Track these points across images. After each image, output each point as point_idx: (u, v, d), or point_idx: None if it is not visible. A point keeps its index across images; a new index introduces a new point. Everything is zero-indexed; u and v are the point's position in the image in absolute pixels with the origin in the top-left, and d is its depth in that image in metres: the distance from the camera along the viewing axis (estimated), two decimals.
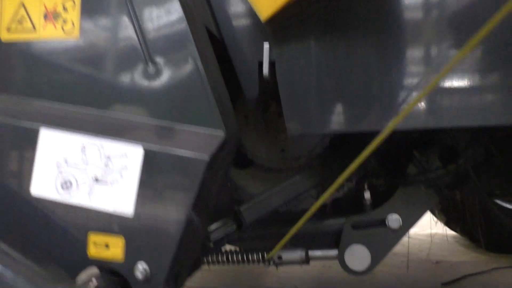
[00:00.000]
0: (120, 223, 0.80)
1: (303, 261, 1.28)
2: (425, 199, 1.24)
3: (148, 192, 0.80)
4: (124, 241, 0.80)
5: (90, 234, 0.81)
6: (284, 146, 1.37)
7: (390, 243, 1.25)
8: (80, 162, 0.79)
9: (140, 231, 0.80)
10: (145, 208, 0.80)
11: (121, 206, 0.79)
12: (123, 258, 0.80)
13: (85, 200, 0.80)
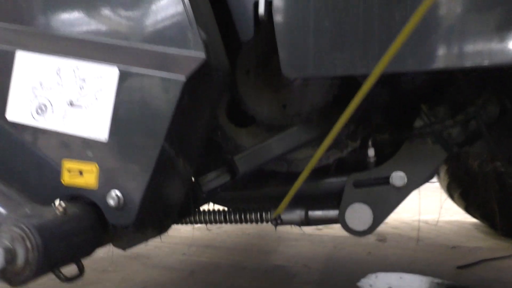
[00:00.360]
0: (94, 148, 0.77)
1: (303, 221, 1.22)
2: (432, 155, 1.15)
3: (123, 116, 0.76)
4: (98, 167, 0.77)
5: (64, 161, 0.78)
6: (286, 101, 1.31)
7: (394, 202, 1.18)
8: (55, 85, 0.76)
9: (114, 157, 0.76)
10: (120, 133, 0.76)
11: (95, 130, 0.75)
12: (96, 185, 0.77)
13: (59, 125, 0.77)
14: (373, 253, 2.74)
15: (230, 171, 1.17)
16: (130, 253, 2.71)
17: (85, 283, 2.19)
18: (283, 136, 1.18)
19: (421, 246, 2.87)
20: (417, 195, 4.77)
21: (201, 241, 3.04)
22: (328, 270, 2.37)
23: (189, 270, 2.39)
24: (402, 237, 3.14)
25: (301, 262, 2.53)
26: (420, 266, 2.44)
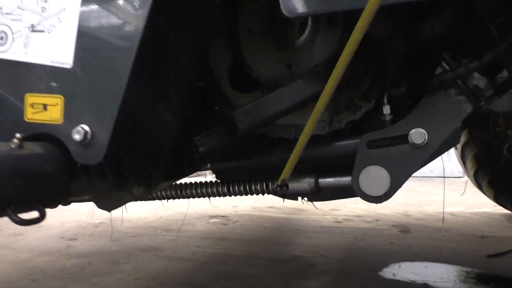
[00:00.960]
0: (58, 78, 0.69)
1: (313, 190, 1.11)
2: (456, 108, 1.02)
3: (88, 38, 0.68)
4: (63, 99, 0.69)
5: (27, 96, 0.71)
6: (291, 60, 1.21)
7: (414, 163, 1.05)
8: (16, 9, 0.69)
9: (79, 86, 0.68)
10: (85, 57, 0.68)
11: (59, 56, 0.68)
12: (61, 119, 0.69)
13: (21, 54, 0.70)
14: (396, 243, 2.60)
15: (229, 129, 1.07)
16: (143, 246, 2.65)
17: (95, 274, 2.13)
18: (288, 88, 1.07)
19: (448, 236, 2.71)
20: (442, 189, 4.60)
21: (216, 234, 2.96)
22: (348, 259, 2.25)
23: (202, 261, 2.31)
24: (427, 227, 2.98)
25: (319, 253, 2.42)
26: (447, 256, 2.29)
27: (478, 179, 2.98)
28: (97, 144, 0.67)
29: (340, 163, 1.16)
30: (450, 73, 0.97)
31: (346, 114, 1.21)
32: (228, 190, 1.17)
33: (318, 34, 1.19)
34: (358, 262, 2.20)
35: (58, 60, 0.69)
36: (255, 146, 1.26)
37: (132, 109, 0.71)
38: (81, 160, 0.68)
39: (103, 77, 0.68)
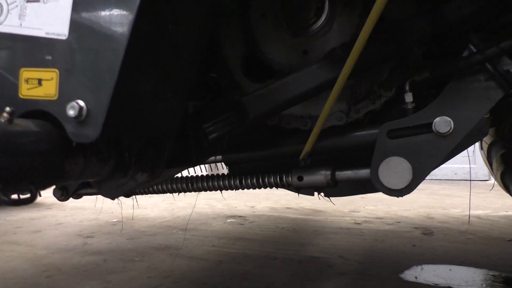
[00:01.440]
0: (53, 50, 0.65)
1: (329, 183, 1.04)
2: (485, 94, 0.94)
3: (83, 8, 0.64)
4: (58, 74, 0.65)
5: (22, 71, 0.67)
6: (307, 46, 1.15)
7: (438, 153, 0.97)
8: None
9: (74, 59, 0.65)
10: (80, 29, 0.64)
11: (54, 27, 0.64)
12: (56, 94, 0.65)
13: (16, 27, 0.66)
14: (419, 245, 2.50)
15: (239, 116, 1.01)
16: (158, 244, 2.63)
17: (109, 271, 2.12)
18: (302, 73, 1.02)
19: (473, 239, 2.60)
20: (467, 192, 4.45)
21: (232, 234, 2.92)
22: (368, 261, 2.17)
23: (217, 260, 2.27)
24: (451, 230, 2.87)
25: (338, 254, 2.35)
26: (472, 259, 2.19)
27: (506, 180, 2.85)
28: (92, 121, 0.63)
29: (359, 155, 1.10)
30: (479, 55, 0.89)
31: (365, 104, 1.14)
32: (241, 183, 1.12)
33: (335, 19, 1.13)
34: (378, 264, 2.12)
35: (54, 31, 0.65)
36: (269, 137, 1.20)
37: (131, 87, 0.67)
38: (75, 137, 0.64)
39: (98, 50, 0.64)
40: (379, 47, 0.98)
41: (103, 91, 0.63)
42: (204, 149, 0.97)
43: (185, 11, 0.71)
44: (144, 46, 0.65)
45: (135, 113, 0.70)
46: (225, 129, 0.99)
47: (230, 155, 1.21)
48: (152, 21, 0.65)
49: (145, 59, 0.67)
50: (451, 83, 0.97)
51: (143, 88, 0.69)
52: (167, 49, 0.71)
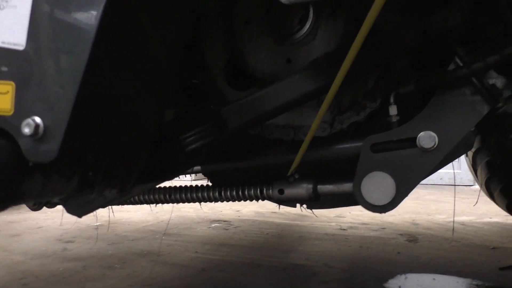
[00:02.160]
0: (9, 61, 0.61)
1: (311, 197, 1.01)
2: (470, 109, 0.92)
3: (42, 16, 0.60)
4: (14, 87, 0.61)
5: None
6: (290, 55, 1.12)
7: (422, 169, 0.95)
8: None
9: (31, 73, 0.60)
10: (38, 39, 0.60)
11: (11, 35, 0.60)
12: (11, 109, 0.61)
13: None
14: (403, 253, 2.49)
15: (218, 127, 0.97)
16: (139, 250, 2.58)
17: (88, 279, 2.06)
18: (283, 83, 0.98)
19: (457, 247, 2.60)
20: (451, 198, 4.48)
21: (216, 239, 2.88)
22: (352, 269, 2.14)
23: (200, 268, 2.23)
24: (436, 237, 2.87)
25: (322, 261, 2.32)
26: (456, 267, 2.18)
27: (490, 187, 2.86)
28: (50, 139, 0.59)
29: (342, 168, 1.07)
30: (465, 69, 0.87)
31: (349, 115, 1.12)
32: (220, 195, 1.09)
33: (320, 27, 1.10)
34: (363, 272, 2.10)
35: (10, 41, 0.61)
36: (251, 147, 1.17)
37: (95, 101, 0.62)
38: (31, 157, 0.60)
39: (58, 62, 0.60)
40: (365, 57, 0.95)
41: (63, 106, 0.59)
42: (180, 162, 0.93)
43: (160, 15, 0.67)
44: (111, 55, 0.61)
45: (100, 128, 0.65)
46: (203, 141, 0.95)
47: (209, 165, 1.17)
48: (120, 29, 0.61)
49: (112, 69, 0.63)
50: (437, 96, 0.95)
51: (110, 100, 0.65)
52: (138, 57, 0.67)
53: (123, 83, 0.64)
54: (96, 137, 0.65)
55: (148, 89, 0.72)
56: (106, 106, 0.65)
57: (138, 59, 0.67)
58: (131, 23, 0.62)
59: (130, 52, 0.64)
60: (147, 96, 0.72)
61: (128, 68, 0.65)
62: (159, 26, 0.67)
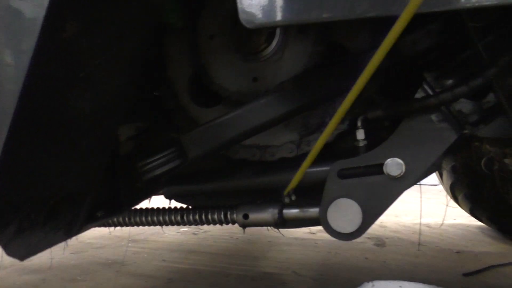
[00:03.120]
0: None
1: (276, 222, 0.98)
2: (437, 136, 0.91)
3: None
4: None
5: None
6: (257, 73, 1.08)
7: (389, 197, 0.93)
8: None
9: None
10: None
11: None
12: None
13: None
14: (371, 258, 2.51)
15: (178, 154, 0.92)
16: (104, 259, 2.49)
17: None
18: (247, 109, 0.94)
19: (423, 251, 2.64)
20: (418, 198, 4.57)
21: (185, 246, 2.82)
22: (321, 278, 2.14)
23: (167, 278, 2.17)
24: (403, 241, 2.91)
25: (292, 269, 2.31)
26: (422, 273, 2.22)
27: (455, 191, 2.94)
28: None
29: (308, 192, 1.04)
30: (433, 99, 0.86)
31: (317, 136, 1.09)
32: (182, 219, 1.04)
33: (287, 46, 1.06)
34: (332, 281, 2.10)
35: None
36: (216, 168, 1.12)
37: (29, 146, 0.56)
38: None
39: None
40: (331, 81, 0.92)
41: None
42: (137, 192, 0.88)
43: (106, 44, 0.61)
44: (45, 89, 0.54)
45: (35, 176, 0.59)
46: (163, 169, 0.90)
47: (171, 187, 1.11)
48: (58, 69, 0.54)
49: (50, 100, 0.56)
50: (404, 123, 0.93)
51: (45, 145, 0.58)
52: (81, 84, 0.60)
53: (66, 115, 0.58)
54: (32, 190, 0.59)
55: (95, 120, 0.66)
56: (42, 151, 0.58)
57: (81, 89, 0.60)
58: (74, 53, 0.55)
59: (70, 90, 0.58)
60: (93, 130, 0.66)
61: (70, 102, 0.58)
62: (108, 51, 0.61)
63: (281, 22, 0.68)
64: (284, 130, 1.08)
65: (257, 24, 0.69)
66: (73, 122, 0.60)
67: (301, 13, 0.67)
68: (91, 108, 0.62)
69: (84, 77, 0.58)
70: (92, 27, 0.56)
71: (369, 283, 2.07)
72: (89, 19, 0.55)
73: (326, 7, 0.66)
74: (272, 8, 0.68)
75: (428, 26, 0.92)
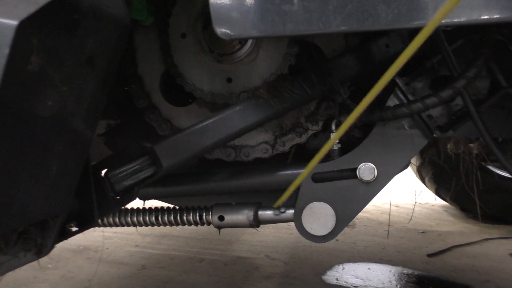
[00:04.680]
0: None
1: (251, 223, 0.99)
2: (408, 142, 0.93)
3: None
4: None
5: None
6: (231, 74, 1.06)
7: (362, 200, 0.96)
8: None
9: None
10: None
11: None
12: None
13: None
14: (341, 240, 2.59)
15: (152, 163, 0.91)
16: (76, 246, 2.46)
17: (17, 284, 1.94)
18: (222, 117, 0.93)
19: (391, 232, 2.74)
20: None
21: (158, 230, 2.81)
22: (293, 261, 2.19)
23: (140, 265, 2.17)
24: (372, 221, 3.01)
25: (265, 252, 2.36)
26: (389, 255, 2.31)
27: (422, 173, 3.04)
28: None
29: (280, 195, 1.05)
30: (405, 108, 0.87)
31: (291, 137, 1.09)
32: (157, 220, 1.03)
33: (261, 47, 1.04)
34: (303, 264, 2.15)
35: None
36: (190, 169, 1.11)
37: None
38: None
39: None
40: (306, 84, 0.92)
41: None
42: (109, 202, 0.86)
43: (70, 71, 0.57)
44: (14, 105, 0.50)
45: (2, 207, 0.56)
46: (136, 179, 0.88)
47: (145, 189, 1.10)
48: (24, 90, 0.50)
49: (15, 134, 0.53)
50: (377, 128, 0.95)
51: (13, 174, 0.55)
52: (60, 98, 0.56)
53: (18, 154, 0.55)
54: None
55: (68, 154, 0.63)
56: (6, 192, 0.55)
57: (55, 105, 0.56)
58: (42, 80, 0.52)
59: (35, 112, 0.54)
60: (65, 161, 0.64)
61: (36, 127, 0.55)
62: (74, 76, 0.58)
63: (256, 34, 0.66)
64: (259, 130, 1.08)
65: (233, 36, 0.67)
66: (43, 147, 0.58)
67: (276, 26, 0.65)
68: (63, 131, 0.59)
69: (53, 104, 0.55)
70: (58, 57, 0.53)
71: (340, 265, 2.14)
72: (54, 50, 0.52)
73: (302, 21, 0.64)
74: (248, 21, 0.66)
75: (399, 30, 0.92)
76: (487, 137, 0.85)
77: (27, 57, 0.49)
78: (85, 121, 0.65)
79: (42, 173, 0.60)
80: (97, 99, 0.67)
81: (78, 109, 0.62)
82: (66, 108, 0.59)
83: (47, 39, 0.51)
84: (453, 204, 3.05)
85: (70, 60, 0.57)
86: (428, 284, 1.94)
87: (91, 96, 0.64)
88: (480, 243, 2.51)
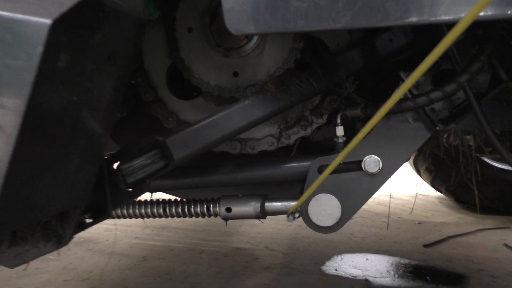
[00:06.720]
0: None
1: (258, 215, 1.01)
2: (412, 135, 0.96)
3: None
4: None
5: None
6: (237, 68, 1.07)
7: (367, 192, 0.99)
8: None
9: None
10: None
11: None
12: None
13: None
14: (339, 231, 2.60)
15: (163, 156, 0.92)
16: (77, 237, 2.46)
17: (20, 274, 1.95)
18: (231, 112, 0.95)
19: (387, 223, 2.78)
20: None
21: (157, 221, 2.83)
22: (292, 252, 2.22)
23: (140, 256, 2.19)
24: (369, 213, 3.05)
25: (264, 244, 2.38)
26: (386, 246, 2.35)
27: (417, 165, 3.08)
28: None
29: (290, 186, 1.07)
30: (410, 102, 0.89)
31: (296, 130, 1.11)
32: (165, 212, 1.05)
33: (268, 41, 1.06)
34: (302, 255, 2.18)
35: None
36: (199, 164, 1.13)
37: (29, 168, 0.54)
38: None
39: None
40: (312, 85, 0.94)
41: None
42: (121, 194, 0.87)
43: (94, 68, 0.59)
44: (43, 107, 0.52)
45: (30, 202, 0.58)
46: (147, 172, 0.90)
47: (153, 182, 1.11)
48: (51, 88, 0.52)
49: (46, 136, 0.55)
50: (381, 122, 0.97)
51: (41, 172, 0.57)
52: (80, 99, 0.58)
53: (62, 122, 0.56)
54: (27, 214, 0.58)
55: (89, 148, 0.65)
56: (36, 189, 0.57)
57: (77, 105, 0.58)
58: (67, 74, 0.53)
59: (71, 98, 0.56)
60: (86, 157, 0.65)
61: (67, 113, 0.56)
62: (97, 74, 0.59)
63: (267, 31, 0.68)
64: (264, 124, 1.09)
65: (245, 32, 0.69)
66: (68, 143, 0.59)
67: (287, 22, 0.67)
68: (85, 127, 0.61)
69: (78, 100, 0.56)
70: (83, 54, 0.55)
71: (338, 256, 2.18)
72: (80, 47, 0.53)
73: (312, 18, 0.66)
74: (259, 17, 0.67)
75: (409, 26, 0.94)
76: (488, 130, 0.87)
77: (57, 54, 0.50)
78: (105, 116, 0.67)
79: (66, 167, 0.62)
80: (115, 95, 0.68)
81: (100, 105, 0.64)
82: (89, 103, 0.61)
83: (75, 37, 0.53)
84: (448, 195, 3.10)
85: (94, 57, 0.58)
86: (425, 274, 1.97)
87: (110, 92, 0.65)
88: (474, 233, 2.56)
